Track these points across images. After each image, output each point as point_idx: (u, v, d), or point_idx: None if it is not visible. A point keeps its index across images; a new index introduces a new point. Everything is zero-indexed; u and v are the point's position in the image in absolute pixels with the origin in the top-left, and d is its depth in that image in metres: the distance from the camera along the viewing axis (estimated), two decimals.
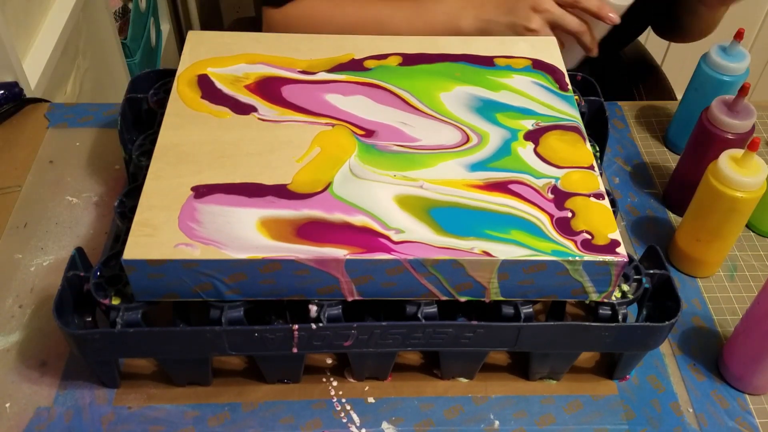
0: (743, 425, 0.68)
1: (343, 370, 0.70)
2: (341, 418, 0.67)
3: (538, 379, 0.70)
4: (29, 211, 0.82)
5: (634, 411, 0.69)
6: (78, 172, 0.86)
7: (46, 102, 0.96)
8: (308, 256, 0.59)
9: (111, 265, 0.63)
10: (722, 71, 0.84)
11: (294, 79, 0.75)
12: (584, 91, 0.83)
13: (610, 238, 0.62)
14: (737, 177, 0.71)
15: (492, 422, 0.67)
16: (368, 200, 0.64)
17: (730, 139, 0.77)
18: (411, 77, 0.76)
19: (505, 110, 0.73)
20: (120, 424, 0.65)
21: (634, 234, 0.84)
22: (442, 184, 0.66)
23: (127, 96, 0.78)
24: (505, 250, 0.61)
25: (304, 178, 0.65)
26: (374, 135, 0.70)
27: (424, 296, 0.63)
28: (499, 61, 0.79)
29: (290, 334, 0.61)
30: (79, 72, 1.24)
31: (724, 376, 0.71)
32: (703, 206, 0.75)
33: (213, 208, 0.62)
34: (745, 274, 0.81)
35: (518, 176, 0.67)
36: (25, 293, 0.74)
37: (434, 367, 0.70)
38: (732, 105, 0.77)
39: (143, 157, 0.72)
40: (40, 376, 0.68)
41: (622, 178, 0.90)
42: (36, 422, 0.65)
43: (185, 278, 0.60)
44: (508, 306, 0.64)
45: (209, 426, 0.66)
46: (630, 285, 0.67)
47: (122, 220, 0.66)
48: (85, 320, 0.65)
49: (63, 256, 0.77)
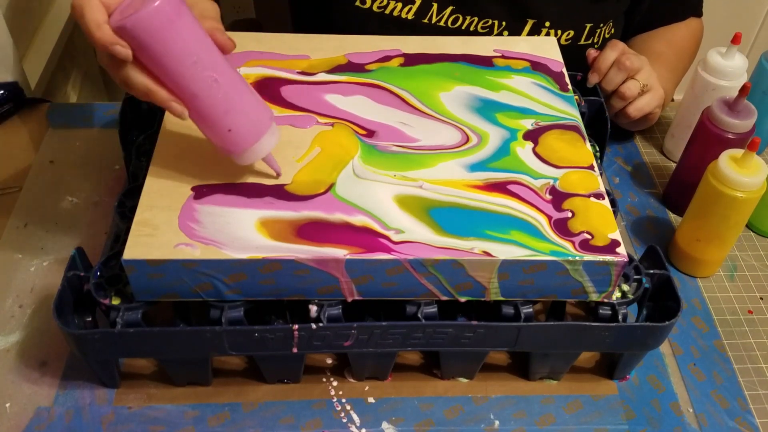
0: (743, 425, 0.68)
1: (343, 370, 0.70)
2: (341, 418, 0.67)
3: (538, 379, 0.70)
4: (29, 211, 0.82)
5: (634, 411, 0.68)
6: (78, 172, 0.86)
7: (46, 102, 0.96)
8: (308, 256, 0.59)
9: (111, 265, 0.63)
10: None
11: (294, 80, 0.75)
12: (584, 91, 0.83)
13: (610, 238, 0.62)
14: (737, 177, 0.71)
15: (492, 422, 0.67)
16: (368, 200, 0.64)
17: (730, 139, 0.77)
18: (411, 77, 0.76)
19: (505, 110, 0.73)
20: (120, 424, 0.65)
21: (634, 234, 0.84)
22: (441, 185, 0.66)
23: (127, 96, 0.78)
24: (505, 250, 0.61)
25: (304, 178, 0.65)
26: (375, 135, 0.70)
27: (424, 296, 0.63)
28: (498, 61, 0.79)
29: (290, 334, 0.61)
30: (79, 72, 1.24)
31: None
32: (703, 206, 0.75)
33: (213, 208, 0.62)
34: (745, 274, 0.81)
35: (517, 177, 0.67)
36: (25, 293, 0.74)
37: (434, 367, 0.70)
38: (732, 105, 0.77)
39: (143, 157, 0.72)
40: (40, 376, 0.68)
41: (622, 178, 0.90)
42: (36, 422, 0.65)
43: (185, 278, 0.60)
44: (508, 306, 0.64)
45: (209, 426, 0.66)
46: (630, 285, 0.67)
47: (122, 220, 0.66)
48: (85, 320, 0.65)
49: (63, 256, 0.77)
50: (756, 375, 0.72)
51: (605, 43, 0.92)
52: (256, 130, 0.62)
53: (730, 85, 0.83)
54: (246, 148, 0.62)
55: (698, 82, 0.85)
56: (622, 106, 0.85)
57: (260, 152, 0.63)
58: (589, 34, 0.93)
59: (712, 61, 0.84)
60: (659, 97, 0.86)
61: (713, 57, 0.84)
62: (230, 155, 0.63)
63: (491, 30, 0.91)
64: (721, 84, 0.84)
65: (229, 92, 0.60)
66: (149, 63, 0.57)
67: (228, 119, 0.60)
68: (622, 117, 0.86)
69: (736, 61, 0.83)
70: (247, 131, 0.61)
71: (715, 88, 0.84)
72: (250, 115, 0.61)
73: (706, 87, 0.85)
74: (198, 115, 0.60)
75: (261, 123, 0.62)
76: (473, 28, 0.91)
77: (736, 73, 0.83)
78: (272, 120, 0.63)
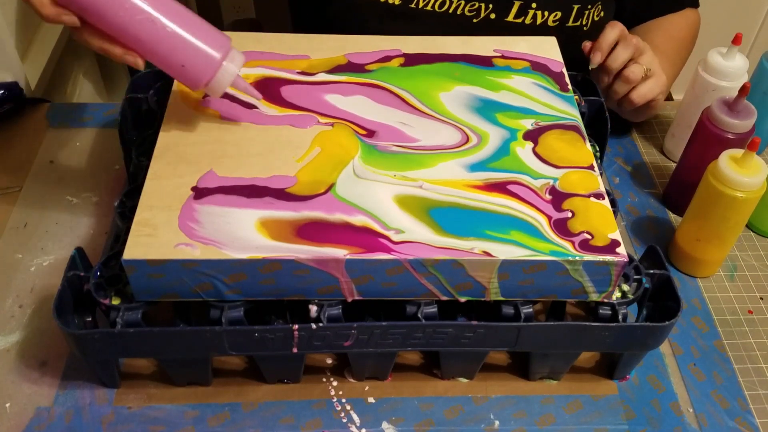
0: (743, 425, 0.68)
1: (343, 370, 0.70)
2: (341, 418, 0.67)
3: (538, 379, 0.70)
4: (29, 211, 0.82)
5: (634, 411, 0.68)
6: (78, 172, 0.86)
7: (46, 102, 0.96)
8: (308, 256, 0.59)
9: (111, 265, 0.63)
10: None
11: (294, 80, 0.75)
12: (584, 91, 0.83)
13: (610, 238, 0.62)
14: (737, 177, 0.71)
15: (492, 422, 0.67)
16: (368, 200, 0.64)
17: (730, 139, 0.77)
18: (411, 77, 0.76)
19: (505, 110, 0.73)
20: (120, 424, 0.65)
21: (634, 234, 0.84)
22: (441, 185, 0.66)
23: (127, 96, 0.78)
24: (504, 250, 0.61)
25: (304, 178, 0.65)
26: (375, 135, 0.70)
27: (424, 296, 0.63)
28: (498, 61, 0.79)
29: (290, 334, 0.61)
30: (79, 72, 1.23)
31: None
32: (703, 206, 0.75)
33: (213, 208, 0.62)
34: (745, 274, 0.81)
35: (516, 177, 0.67)
36: (25, 293, 0.74)
37: (434, 367, 0.70)
38: (732, 105, 0.77)
39: (143, 157, 0.72)
40: (40, 376, 0.68)
41: (622, 178, 0.90)
42: (36, 422, 0.65)
43: (185, 278, 0.60)
44: (508, 306, 0.64)
45: (209, 426, 0.66)
46: (630, 285, 0.67)
47: (122, 220, 0.66)
48: (85, 320, 0.65)
49: (63, 256, 0.77)
50: (756, 375, 0.72)
51: (594, 25, 0.91)
52: (211, 60, 0.63)
53: (731, 86, 0.83)
54: (207, 80, 0.63)
55: (699, 82, 0.85)
56: (625, 90, 0.84)
57: (225, 80, 0.64)
58: (578, 16, 0.92)
59: (713, 62, 0.84)
60: (662, 83, 0.85)
61: (714, 57, 0.84)
62: (198, 89, 0.65)
63: (478, 13, 0.91)
64: (721, 84, 0.83)
65: (171, 29, 0.61)
66: (94, 21, 0.60)
67: (178, 56, 0.62)
68: (626, 104, 0.85)
69: (737, 62, 0.83)
70: (202, 62, 0.63)
71: (716, 88, 0.84)
72: (198, 47, 0.62)
73: (706, 87, 0.85)
74: (151, 58, 0.62)
75: (214, 52, 0.63)
76: (460, 12, 0.91)
77: (737, 73, 0.83)
78: (228, 46, 0.64)
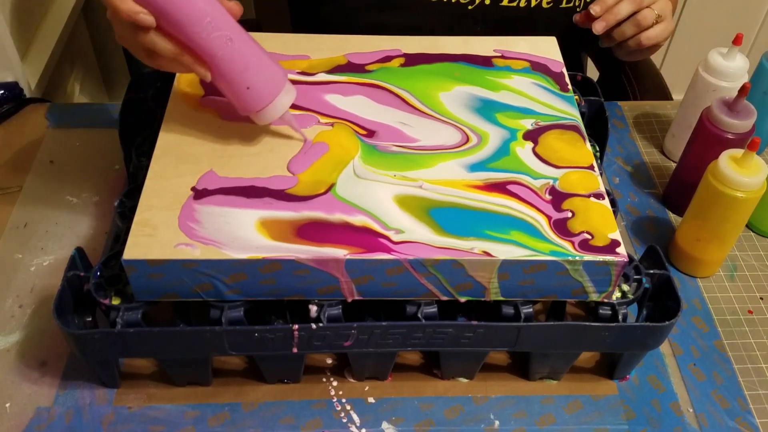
0: (743, 425, 0.68)
1: (343, 370, 0.70)
2: (341, 418, 0.67)
3: (538, 379, 0.70)
4: (29, 211, 0.82)
5: (634, 411, 0.68)
6: (78, 172, 0.86)
7: (46, 102, 0.96)
8: (308, 256, 0.59)
9: (111, 265, 0.63)
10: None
11: (294, 80, 0.75)
12: (584, 91, 0.83)
13: (610, 238, 0.62)
14: (737, 177, 0.71)
15: (492, 422, 0.67)
16: (368, 200, 0.64)
17: (730, 139, 0.77)
18: (411, 77, 0.76)
19: (505, 110, 0.73)
20: (120, 424, 0.65)
21: (634, 234, 0.84)
22: (441, 185, 0.66)
23: (127, 96, 0.78)
24: (504, 250, 0.61)
25: (304, 178, 0.65)
26: (375, 135, 0.70)
27: (424, 296, 0.63)
28: (498, 61, 0.79)
29: (290, 334, 0.61)
30: (79, 72, 1.24)
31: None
32: (703, 206, 0.75)
33: (213, 208, 0.62)
34: (745, 274, 0.81)
35: (516, 177, 0.67)
36: (25, 293, 0.74)
37: (434, 367, 0.70)
38: (732, 105, 0.77)
39: (143, 157, 0.72)
40: (40, 376, 0.68)
41: (622, 178, 0.90)
42: (36, 422, 0.65)
43: (185, 278, 0.60)
44: (508, 306, 0.64)
45: (209, 426, 0.66)
46: (630, 285, 0.67)
47: (122, 220, 0.66)
48: (85, 320, 0.65)
49: (63, 256, 0.77)
50: (756, 375, 0.72)
51: (587, 6, 0.91)
52: (273, 86, 0.65)
53: (731, 86, 0.83)
54: (266, 105, 0.65)
55: (699, 82, 0.85)
56: (633, 33, 0.85)
57: (279, 109, 0.66)
58: None
59: (713, 62, 0.84)
60: (670, 30, 0.87)
61: (714, 58, 0.84)
62: (251, 114, 0.66)
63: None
64: (721, 85, 0.83)
65: (244, 51, 0.63)
66: (169, 27, 0.61)
67: (246, 77, 0.64)
68: (632, 43, 0.86)
69: (737, 62, 0.83)
70: (265, 87, 0.65)
71: (716, 88, 0.84)
72: (266, 73, 0.65)
73: (706, 88, 0.85)
74: (218, 75, 0.64)
75: (277, 80, 0.65)
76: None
77: (737, 74, 0.83)
78: (287, 78, 0.66)
